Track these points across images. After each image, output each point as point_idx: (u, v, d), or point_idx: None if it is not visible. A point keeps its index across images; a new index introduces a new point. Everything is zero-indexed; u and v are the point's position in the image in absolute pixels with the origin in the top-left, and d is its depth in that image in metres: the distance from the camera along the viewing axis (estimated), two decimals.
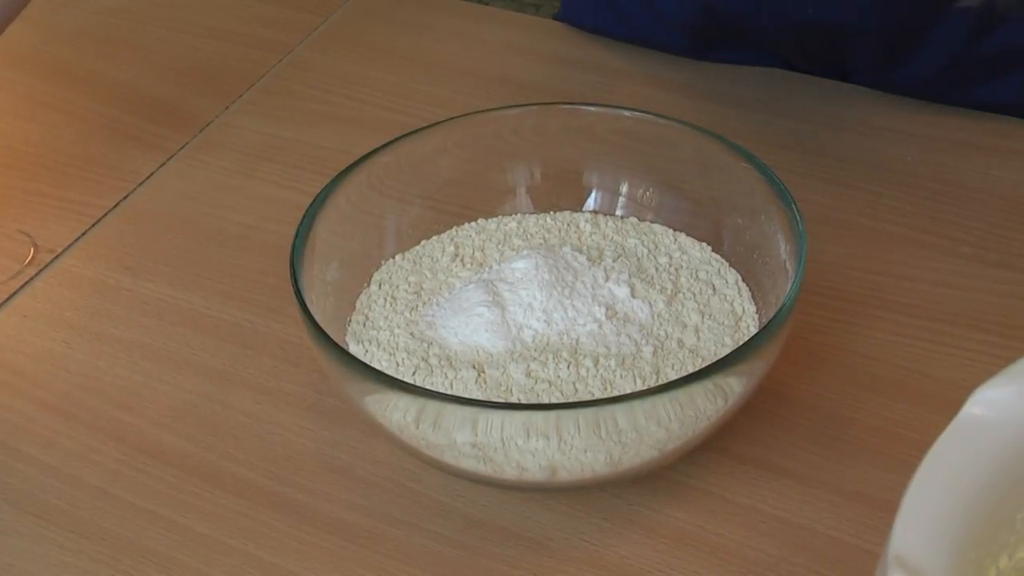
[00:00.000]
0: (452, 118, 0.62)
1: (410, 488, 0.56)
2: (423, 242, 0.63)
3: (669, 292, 0.58)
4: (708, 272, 0.60)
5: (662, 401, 0.48)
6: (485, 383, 0.53)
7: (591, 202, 0.64)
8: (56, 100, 0.85)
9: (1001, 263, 0.64)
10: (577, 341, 0.55)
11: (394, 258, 0.62)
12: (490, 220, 0.64)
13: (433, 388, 0.53)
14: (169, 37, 0.91)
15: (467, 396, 0.53)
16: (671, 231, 0.62)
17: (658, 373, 0.54)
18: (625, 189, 0.64)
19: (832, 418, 0.57)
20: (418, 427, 0.50)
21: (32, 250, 0.71)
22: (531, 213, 0.64)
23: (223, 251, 0.70)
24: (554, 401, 0.52)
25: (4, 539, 0.55)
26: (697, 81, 0.80)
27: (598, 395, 0.53)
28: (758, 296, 0.58)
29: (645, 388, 0.49)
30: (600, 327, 0.55)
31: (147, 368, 0.63)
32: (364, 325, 0.58)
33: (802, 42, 0.78)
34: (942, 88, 0.75)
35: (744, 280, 0.59)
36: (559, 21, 0.88)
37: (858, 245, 0.66)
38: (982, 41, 0.73)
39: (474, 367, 0.54)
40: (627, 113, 0.62)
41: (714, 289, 0.59)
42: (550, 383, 0.53)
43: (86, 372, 0.63)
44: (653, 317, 0.56)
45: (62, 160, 0.79)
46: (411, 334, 0.57)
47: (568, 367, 0.54)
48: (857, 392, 0.58)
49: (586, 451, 0.49)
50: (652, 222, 0.63)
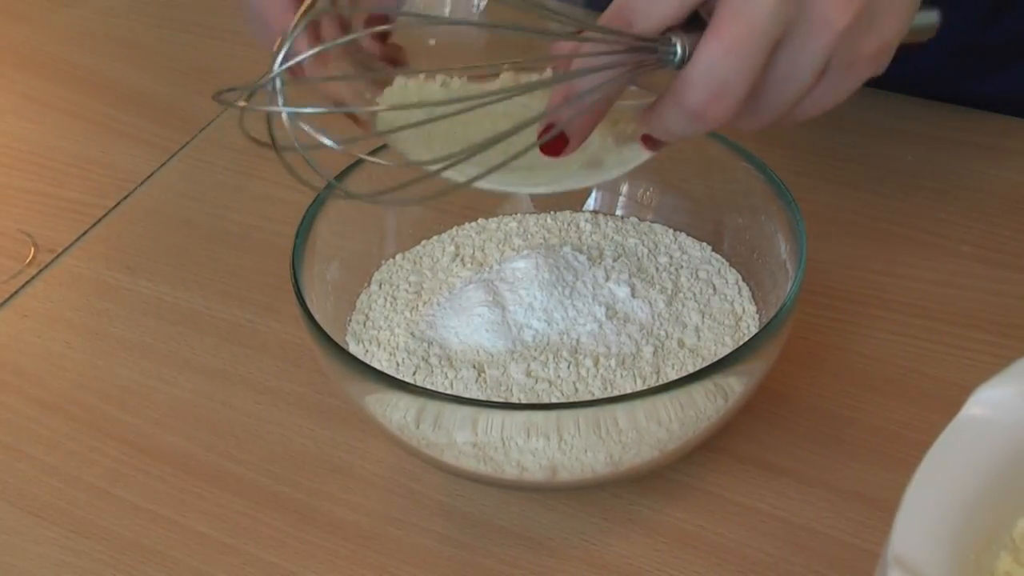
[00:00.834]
0: None
1: (410, 488, 0.56)
2: (423, 242, 0.63)
3: (669, 292, 0.58)
4: (708, 272, 0.60)
5: (662, 401, 0.48)
6: (485, 383, 0.53)
7: (591, 202, 0.64)
8: (56, 100, 0.85)
9: (1001, 263, 0.64)
10: (577, 341, 0.55)
11: (394, 258, 0.62)
12: (490, 220, 0.64)
13: (433, 388, 0.53)
14: (169, 37, 0.91)
15: (467, 396, 0.53)
16: (671, 231, 0.62)
17: (658, 373, 0.54)
18: (625, 189, 0.64)
19: (832, 418, 0.57)
20: (418, 427, 0.50)
21: (32, 250, 0.71)
22: (531, 213, 0.64)
23: (223, 251, 0.70)
24: (554, 401, 0.52)
25: (4, 539, 0.55)
26: None
27: (598, 395, 0.53)
28: (758, 296, 0.58)
29: (645, 388, 0.49)
30: (600, 327, 0.55)
31: (147, 368, 0.63)
32: (364, 325, 0.58)
33: None
34: (946, 81, 0.74)
35: (744, 280, 0.59)
36: None
37: (858, 245, 0.66)
38: (990, 29, 0.72)
39: (474, 367, 0.54)
40: None
41: (714, 289, 0.59)
42: (550, 383, 0.53)
43: (86, 372, 0.63)
44: (653, 317, 0.56)
45: (62, 160, 0.79)
46: (411, 334, 0.57)
47: (568, 367, 0.54)
48: (857, 392, 0.58)
49: (586, 451, 0.49)
50: (652, 222, 0.63)
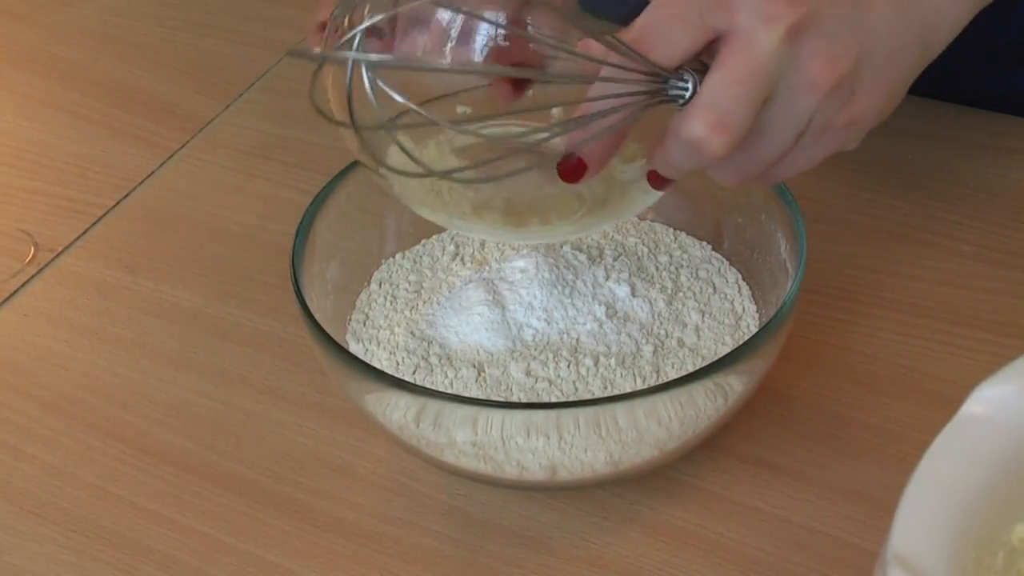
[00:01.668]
0: None
1: (410, 487, 0.56)
2: (423, 241, 0.63)
3: (669, 291, 0.58)
4: (708, 271, 0.60)
5: (662, 400, 0.48)
6: (485, 382, 0.53)
7: None
8: (56, 99, 0.85)
9: (1001, 262, 0.64)
10: (577, 340, 0.55)
11: (394, 257, 0.62)
12: None
13: (433, 387, 0.53)
14: (169, 36, 0.91)
15: (467, 395, 0.53)
16: (671, 230, 0.62)
17: (658, 372, 0.54)
18: None
19: (832, 417, 0.57)
20: (418, 426, 0.50)
21: (32, 249, 0.71)
22: None
23: (223, 250, 0.70)
24: (554, 400, 0.52)
25: (5, 538, 0.55)
26: None
27: (598, 394, 0.53)
28: (758, 295, 0.58)
29: (645, 387, 0.49)
30: (600, 326, 0.55)
31: (147, 367, 0.63)
32: (364, 324, 0.58)
33: None
34: (948, 81, 0.74)
35: (744, 279, 0.59)
36: None
37: (858, 244, 0.66)
38: (992, 31, 0.71)
39: (474, 366, 0.54)
40: None
41: (714, 288, 0.59)
42: (550, 382, 0.53)
43: (86, 371, 0.63)
44: (653, 316, 0.56)
45: (62, 159, 0.79)
46: (411, 333, 0.57)
47: (568, 366, 0.54)
48: (857, 391, 0.58)
49: (586, 450, 0.49)
50: (652, 221, 0.63)
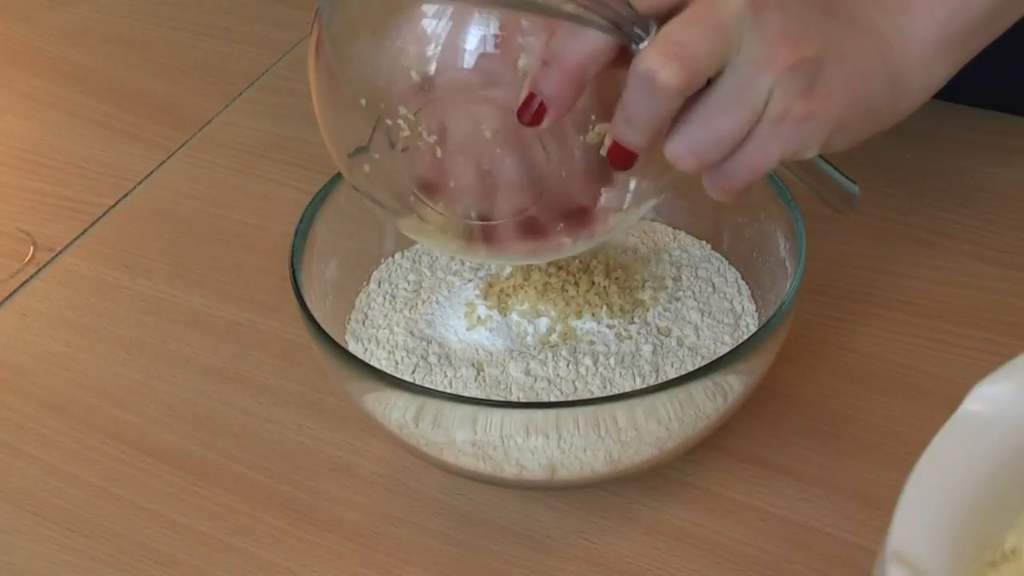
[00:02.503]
0: None
1: (410, 486, 0.56)
2: None
3: (669, 290, 0.58)
4: (708, 270, 0.60)
5: (661, 399, 0.48)
6: (484, 381, 0.53)
7: None
8: (56, 98, 0.85)
9: (1000, 261, 0.64)
10: (577, 340, 0.55)
11: (393, 256, 0.62)
12: None
13: (432, 386, 0.53)
14: (169, 35, 0.91)
15: (466, 394, 0.53)
16: (671, 229, 0.62)
17: (657, 371, 0.54)
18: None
19: (831, 416, 0.57)
20: (418, 425, 0.50)
21: (32, 249, 0.71)
22: None
23: (222, 249, 0.70)
24: (553, 399, 0.52)
25: (4, 537, 0.55)
26: None
27: (597, 393, 0.53)
28: (758, 294, 0.58)
29: (645, 386, 0.49)
30: (599, 325, 0.55)
31: (146, 366, 0.63)
32: (363, 323, 0.58)
33: None
34: (952, 82, 0.73)
35: (744, 278, 0.59)
36: None
37: (857, 243, 0.66)
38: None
39: (473, 365, 0.54)
40: None
41: (714, 287, 0.59)
42: (549, 381, 0.53)
43: (86, 371, 0.63)
44: (653, 315, 0.56)
45: (62, 158, 0.79)
46: (410, 332, 0.57)
47: (567, 365, 0.53)
48: (856, 390, 0.58)
49: (585, 449, 0.49)
50: (652, 220, 0.63)
